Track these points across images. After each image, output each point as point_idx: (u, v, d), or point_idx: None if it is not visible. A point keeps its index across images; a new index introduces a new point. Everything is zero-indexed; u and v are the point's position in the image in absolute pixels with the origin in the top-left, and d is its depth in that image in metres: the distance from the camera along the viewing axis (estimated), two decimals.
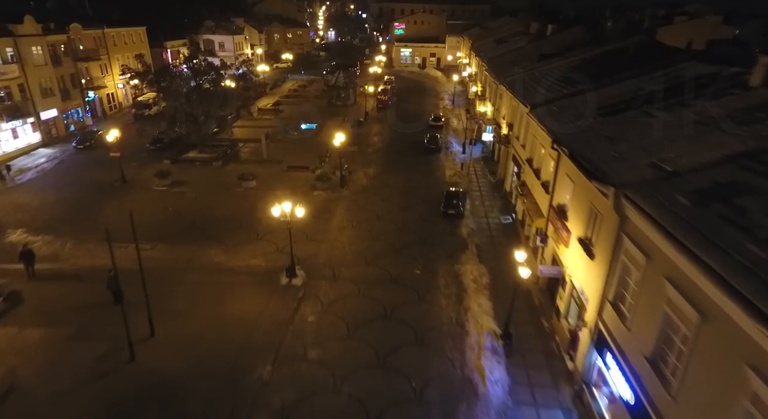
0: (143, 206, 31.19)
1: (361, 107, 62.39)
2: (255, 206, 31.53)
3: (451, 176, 37.46)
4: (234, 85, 49.51)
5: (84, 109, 50.45)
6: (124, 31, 59.81)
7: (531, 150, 26.25)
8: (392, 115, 58.58)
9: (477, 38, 73.28)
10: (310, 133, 49.93)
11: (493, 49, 55.05)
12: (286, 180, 36.29)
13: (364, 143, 46.47)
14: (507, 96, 35.03)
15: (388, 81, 74.05)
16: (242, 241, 26.90)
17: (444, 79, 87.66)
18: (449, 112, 61.02)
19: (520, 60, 42.82)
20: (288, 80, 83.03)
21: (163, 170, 35.12)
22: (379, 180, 36.77)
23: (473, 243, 26.94)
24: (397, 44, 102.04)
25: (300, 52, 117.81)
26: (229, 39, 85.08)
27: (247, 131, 49.09)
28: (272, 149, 43.28)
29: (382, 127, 53.08)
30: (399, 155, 43.20)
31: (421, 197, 33.29)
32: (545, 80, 31.09)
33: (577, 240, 17.04)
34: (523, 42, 51.61)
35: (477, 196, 33.80)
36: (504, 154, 35.07)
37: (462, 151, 43.73)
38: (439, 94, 73.28)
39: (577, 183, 18.00)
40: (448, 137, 49.15)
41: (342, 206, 32.05)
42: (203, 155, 40.91)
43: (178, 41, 77.32)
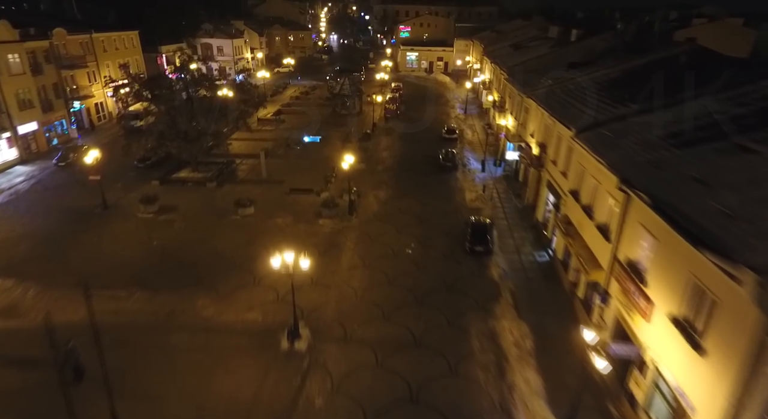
0: (124, 240, 27.30)
1: (368, 116, 58.42)
2: (252, 239, 27.59)
3: (472, 201, 33.45)
4: (232, 95, 45.70)
5: (69, 121, 46.56)
6: (114, 36, 55.97)
7: (577, 180, 22.26)
8: (401, 126, 54.58)
9: (489, 42, 69.34)
10: (313, 146, 46.06)
11: (511, 56, 51.10)
12: (288, 205, 32.32)
13: (372, 160, 42.50)
14: (536, 111, 31.05)
15: (396, 88, 70.04)
16: (236, 286, 22.93)
17: (453, 84, 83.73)
18: (462, 122, 57.04)
19: (544, 69, 38.83)
20: (290, 86, 79.17)
21: (149, 194, 31.15)
22: (392, 205, 32.78)
23: (507, 289, 22.94)
24: (402, 48, 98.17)
25: (302, 56, 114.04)
26: (228, 43, 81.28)
27: (245, 144, 45.16)
28: (273, 165, 39.34)
29: (392, 140, 49.11)
30: (412, 173, 39.20)
31: (440, 228, 29.28)
32: (584, 95, 27.10)
33: (670, 319, 13.05)
34: (543, 48, 47.66)
35: (504, 225, 29.77)
36: (534, 177, 31.06)
37: (481, 169, 39.73)
38: (450, 101, 69.31)
39: (661, 241, 14.01)
40: (464, 152, 45.14)
41: (352, 238, 28.07)
42: (196, 174, 36.96)
43: (174, 45, 73.47)
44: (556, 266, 24.28)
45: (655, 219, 14.04)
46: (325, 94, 70.43)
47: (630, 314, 15.46)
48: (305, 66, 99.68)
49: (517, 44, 57.03)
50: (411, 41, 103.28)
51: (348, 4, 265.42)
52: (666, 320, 13.34)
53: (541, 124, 29.87)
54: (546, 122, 28.41)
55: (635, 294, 14.98)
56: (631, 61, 30.44)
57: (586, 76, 31.02)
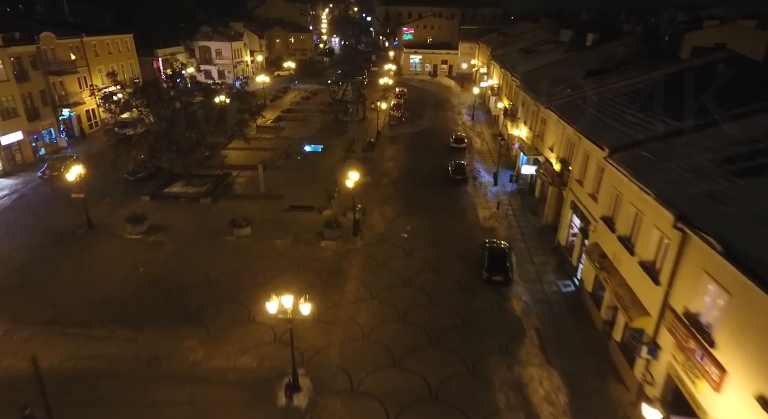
0: (108, 266, 24.93)
1: (371, 123, 56.10)
2: (248, 264, 25.23)
3: (486, 219, 31.04)
4: (228, 102, 43.36)
5: (57, 129, 44.25)
6: (108, 40, 53.68)
7: (611, 206, 19.86)
8: (407, 133, 52.21)
9: (497, 46, 66.97)
10: (315, 156, 43.73)
11: (521, 61, 48.69)
12: (287, 224, 29.93)
13: (377, 171, 40.10)
14: (557, 124, 28.67)
15: (401, 93, 67.58)
16: (229, 322, 20.55)
17: (458, 88, 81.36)
18: (470, 130, 54.64)
19: (560, 76, 36.47)
20: (290, 90, 76.85)
21: (137, 213, 28.75)
22: (400, 224, 30.36)
23: (531, 327, 20.54)
24: (406, 50, 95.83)
25: (303, 58, 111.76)
26: (226, 45, 78.98)
27: (243, 154, 42.88)
28: (272, 178, 37.00)
29: (397, 149, 46.69)
30: (419, 187, 36.80)
31: (453, 251, 26.87)
32: (612, 109, 24.74)
33: (755, 398, 10.64)
34: (556, 53, 45.29)
35: (521, 248, 27.34)
36: (553, 194, 28.65)
37: (493, 182, 37.30)
38: (456, 107, 66.90)
39: (736, 296, 11.61)
40: (474, 163, 42.73)
41: (357, 263, 25.67)
42: (190, 189, 34.60)
43: (171, 48, 71.30)
44: (585, 300, 21.86)
45: (725, 268, 11.66)
46: (327, 99, 68.11)
47: (692, 378, 13.05)
48: (306, 69, 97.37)
49: (527, 48, 54.65)
50: (414, 44, 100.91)
51: (349, 5, 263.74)
52: (746, 396, 10.94)
53: (562, 138, 27.47)
54: (569, 136, 26.01)
55: (700, 356, 12.57)
56: (660, 69, 28.01)
57: (610, 86, 28.67)
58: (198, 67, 72.50)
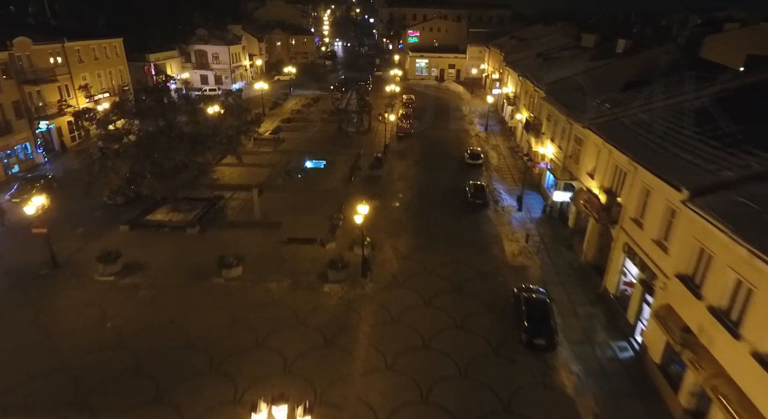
0: (70, 319, 20.88)
1: (377, 134, 52.07)
2: (237, 317, 21.17)
3: (514, 255, 26.88)
4: (222, 114, 39.33)
5: (34, 143, 40.26)
6: (94, 45, 49.68)
7: (694, 264, 15.71)
8: (417, 147, 48.12)
9: (510, 50, 62.87)
10: (317, 174, 39.72)
11: (542, 68, 44.60)
12: (285, 261, 25.83)
13: (387, 192, 36.00)
14: (599, 147, 24.56)
15: (409, 102, 63.44)
16: (210, 404, 16.46)
17: (467, 95, 77.25)
18: (484, 142, 50.52)
19: (592, 87, 32.47)
20: (291, 96, 72.82)
21: (110, 250, 24.67)
22: (415, 262, 26.24)
23: (590, 413, 16.39)
24: (411, 54, 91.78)
25: (304, 62, 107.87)
26: (224, 50, 75.01)
27: (238, 172, 38.82)
28: (269, 200, 32.96)
29: (407, 165, 42.54)
30: (435, 212, 32.68)
31: (480, 299, 22.75)
32: (672, 132, 20.63)
33: None
34: (581, 61, 41.15)
35: (559, 293, 23.19)
36: (595, 229, 24.51)
37: (517, 207, 33.15)
38: (467, 116, 62.75)
39: None
40: (493, 183, 38.60)
41: (367, 316, 21.57)
42: (175, 215, 30.54)
43: (164, 53, 67.41)
44: (652, 374, 17.69)
45: None
46: (329, 106, 64.10)
47: None
48: (307, 73, 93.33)
49: (546, 54, 50.58)
50: (420, 47, 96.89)
51: (351, 6, 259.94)
52: None
53: (608, 165, 23.34)
54: (619, 164, 21.90)
55: None
56: (720, 82, 23.97)
57: (660, 103, 24.57)
58: (182, 85, 68.72)
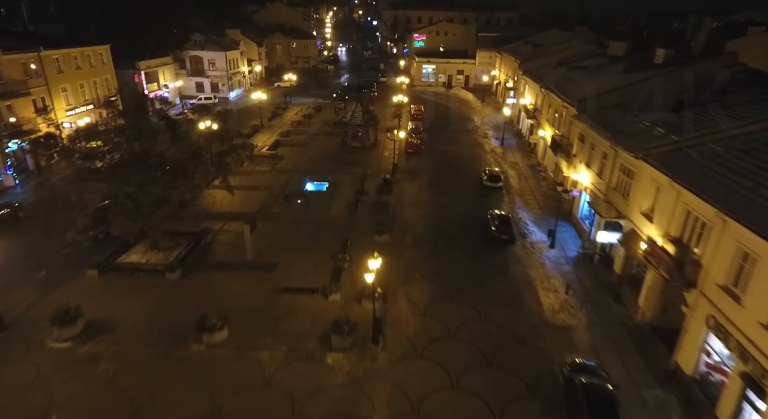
0: (2, 410, 16.59)
1: (384, 149, 47.82)
2: (219, 405, 16.88)
3: (554, 311, 22.53)
4: (216, 126, 35.16)
5: (3, 164, 36.13)
6: (76, 52, 45.56)
7: None
8: (428, 165, 43.79)
9: (527, 57, 58.57)
10: (318, 198, 35.48)
11: (567, 79, 40.28)
12: (281, 319, 21.58)
13: (398, 222, 31.66)
14: (661, 185, 20.25)
15: (417, 113, 58.98)
16: None
17: (478, 103, 72.94)
18: (501, 159, 46.19)
19: (632, 105, 28.30)
20: (291, 105, 68.60)
21: (68, 309, 20.42)
22: (436, 319, 21.91)
23: None
24: (417, 59, 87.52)
25: (306, 67, 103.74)
26: (220, 55, 70.88)
27: (231, 196, 34.32)
28: (264, 234, 28.69)
29: (419, 189, 38.17)
30: (453, 249, 28.33)
31: (520, 375, 18.39)
32: None
33: None
34: (613, 72, 36.80)
35: (616, 365, 18.84)
36: (656, 284, 20.16)
37: (549, 243, 28.79)
38: (479, 127, 58.41)
39: None
40: (517, 210, 34.28)
41: (380, 401, 17.26)
42: (154, 255, 26.29)
43: (156, 60, 63.29)
44: None
45: None
46: (332, 116, 59.89)
47: None
48: (309, 79, 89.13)
49: (568, 63, 46.33)
50: (426, 52, 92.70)
51: (353, 8, 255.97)
52: None
53: (677, 208, 18.99)
54: (697, 212, 17.56)
55: None
56: None
57: (737, 130, 20.26)
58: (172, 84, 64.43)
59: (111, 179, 24.14)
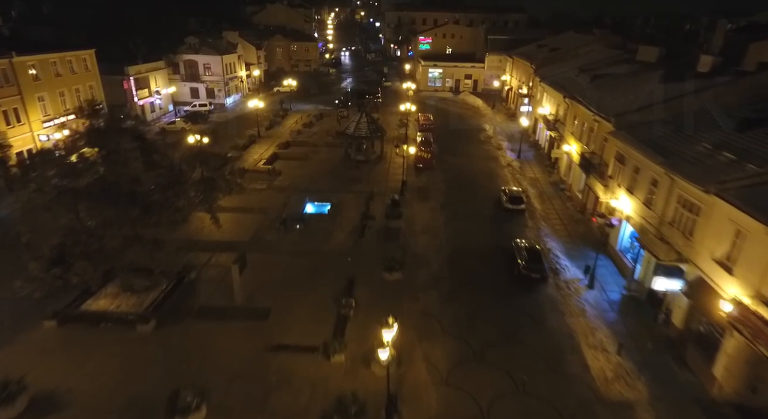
0: None
1: (391, 162, 43.91)
2: None
3: (607, 381, 18.46)
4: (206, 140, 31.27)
5: None
6: (55, 58, 41.73)
7: None
8: (439, 182, 39.84)
9: (542, 62, 54.66)
10: (320, 223, 31.62)
11: (594, 88, 36.36)
12: (272, 391, 17.61)
13: (410, 253, 27.66)
14: (739, 225, 16.28)
15: (426, 123, 54.83)
16: None
17: (488, 110, 69.00)
18: (518, 174, 42.23)
19: (685, 123, 24.38)
20: (290, 113, 64.75)
21: (6, 383, 16.44)
22: (463, 390, 17.87)
23: None
24: (423, 63, 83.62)
25: (307, 70, 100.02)
26: (216, 60, 67.03)
27: (221, 221, 30.55)
28: (257, 269, 24.77)
29: (431, 211, 34.16)
30: (476, 291, 24.30)
31: None
32: None
33: None
34: (649, 81, 32.90)
35: None
36: (743, 355, 16.18)
37: (587, 281, 24.81)
38: (491, 137, 54.42)
39: None
40: (541, 234, 30.33)
41: None
42: (126, 299, 22.38)
43: (148, 64, 59.43)
44: None
45: None
46: (334, 125, 56.10)
47: None
48: (310, 83, 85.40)
49: (592, 69, 42.43)
50: (432, 55, 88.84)
51: (355, 9, 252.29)
52: None
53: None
54: None
55: None
56: None
57: None
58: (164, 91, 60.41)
59: (72, 212, 20.27)
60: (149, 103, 59.11)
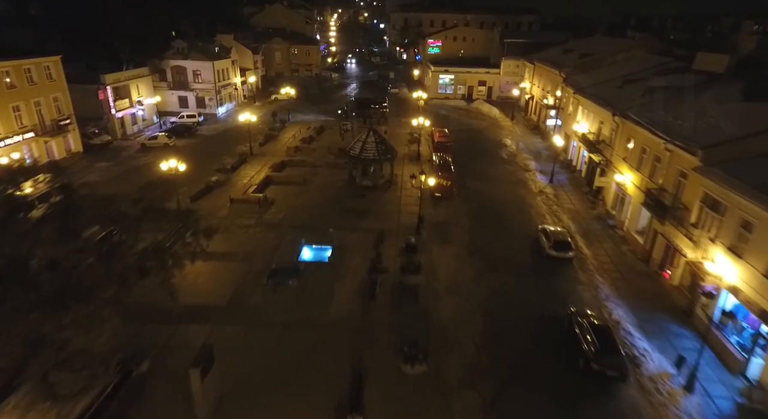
0: None
1: (402, 188, 37.45)
2: None
3: None
4: (183, 167, 24.68)
5: None
6: (8, 67, 35.49)
7: None
8: (461, 215, 33.26)
9: (574, 70, 48.09)
10: (318, 276, 25.17)
11: (654, 106, 29.91)
12: None
13: (434, 328, 21.15)
14: None
15: (443, 139, 47.23)
16: None
17: (506, 121, 62.37)
18: (555, 204, 35.62)
19: None
20: (288, 124, 58.34)
21: None
22: None
23: None
24: (433, 68, 77.05)
25: (308, 75, 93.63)
26: (207, 66, 60.64)
27: (192, 274, 24.04)
28: (231, 350, 18.42)
29: (455, 258, 27.54)
30: (531, 395, 17.71)
31: None
32: None
33: None
34: (732, 99, 26.33)
35: None
36: None
37: (680, 378, 18.21)
38: (515, 154, 47.79)
39: None
40: (600, 295, 23.74)
41: None
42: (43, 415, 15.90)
43: (129, 72, 53.18)
44: None
45: None
46: (337, 139, 49.66)
47: None
48: (311, 89, 79.07)
49: (640, 81, 35.95)
50: (443, 59, 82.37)
51: (359, 10, 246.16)
52: None
53: None
54: None
55: None
56: None
57: None
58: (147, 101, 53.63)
59: None
60: (130, 115, 52.78)
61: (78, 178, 36.68)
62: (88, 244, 14.99)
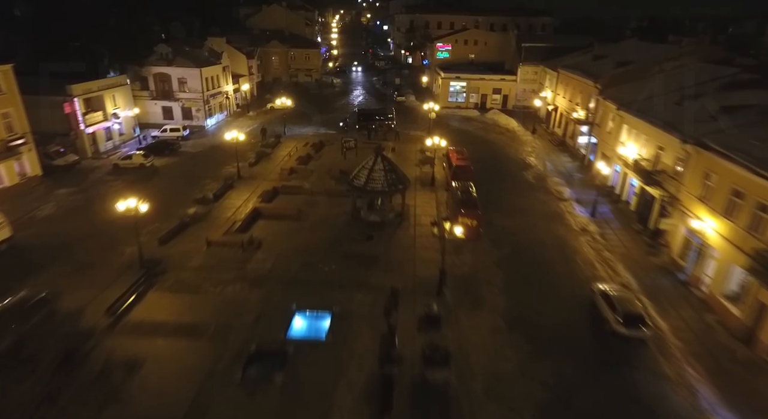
0: None
1: (415, 223, 31.09)
2: None
3: None
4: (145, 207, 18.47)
5: None
6: None
7: None
8: (491, 265, 26.77)
9: (611, 80, 41.66)
10: (313, 362, 18.87)
11: (737, 133, 23.52)
12: None
13: None
14: None
15: (462, 163, 37.79)
16: None
17: (527, 135, 55.91)
18: (603, 248, 29.15)
19: None
20: (284, 139, 51.99)
21: None
22: None
23: None
24: (444, 75, 70.58)
25: (307, 81, 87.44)
26: (193, 73, 54.25)
27: (161, 347, 17.80)
28: None
29: (492, 330, 21.17)
30: None
31: None
32: None
33: None
34: None
35: None
36: None
37: None
38: (544, 178, 41.25)
39: None
40: (702, 407, 17.29)
41: None
42: None
43: (103, 80, 46.95)
44: None
45: None
46: (338, 160, 43.28)
47: None
48: (310, 97, 72.88)
49: (702, 95, 29.62)
50: (453, 65, 76.02)
51: (361, 11, 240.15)
52: None
53: None
54: None
55: None
56: None
57: None
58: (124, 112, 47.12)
59: None
60: (104, 130, 46.48)
61: (27, 210, 30.59)
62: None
